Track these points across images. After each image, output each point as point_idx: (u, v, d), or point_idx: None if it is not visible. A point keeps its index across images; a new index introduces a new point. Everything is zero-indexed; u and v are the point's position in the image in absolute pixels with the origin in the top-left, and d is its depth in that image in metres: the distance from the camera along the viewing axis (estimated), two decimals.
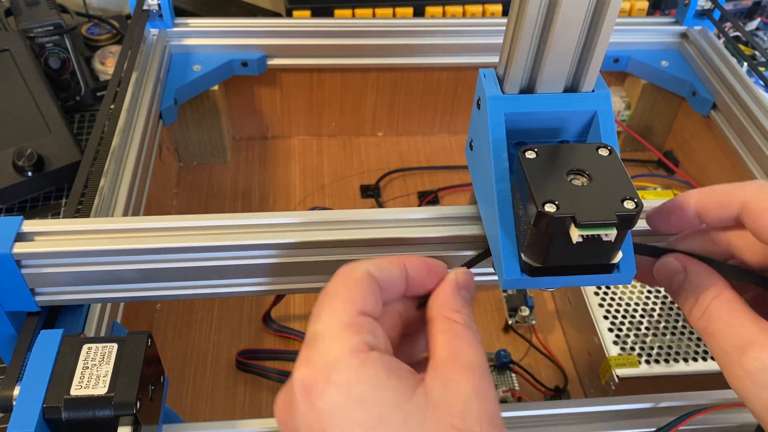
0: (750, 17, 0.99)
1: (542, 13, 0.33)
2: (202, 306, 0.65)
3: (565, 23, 0.33)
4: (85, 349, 0.36)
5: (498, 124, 0.36)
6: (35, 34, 0.78)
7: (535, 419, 0.42)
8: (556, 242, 0.32)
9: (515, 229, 0.35)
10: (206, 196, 0.76)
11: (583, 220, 0.30)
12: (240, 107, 0.79)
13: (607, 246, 0.32)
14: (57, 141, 0.70)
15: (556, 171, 0.33)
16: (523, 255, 0.34)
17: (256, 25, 0.72)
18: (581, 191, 0.32)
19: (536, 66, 0.36)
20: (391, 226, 0.41)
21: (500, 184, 0.35)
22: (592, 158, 0.34)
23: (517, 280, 0.35)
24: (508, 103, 0.36)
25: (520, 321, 0.63)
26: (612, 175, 0.33)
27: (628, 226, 0.32)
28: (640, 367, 0.54)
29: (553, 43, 0.34)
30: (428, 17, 0.82)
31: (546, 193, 0.31)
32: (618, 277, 0.35)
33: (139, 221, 0.41)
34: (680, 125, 0.78)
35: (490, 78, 0.37)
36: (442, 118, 0.83)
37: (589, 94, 0.37)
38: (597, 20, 0.34)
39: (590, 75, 0.36)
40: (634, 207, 0.31)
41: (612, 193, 0.32)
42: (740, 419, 0.43)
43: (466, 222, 0.41)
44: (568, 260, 0.33)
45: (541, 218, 0.31)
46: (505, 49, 0.36)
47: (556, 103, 0.37)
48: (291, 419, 0.29)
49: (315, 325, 0.30)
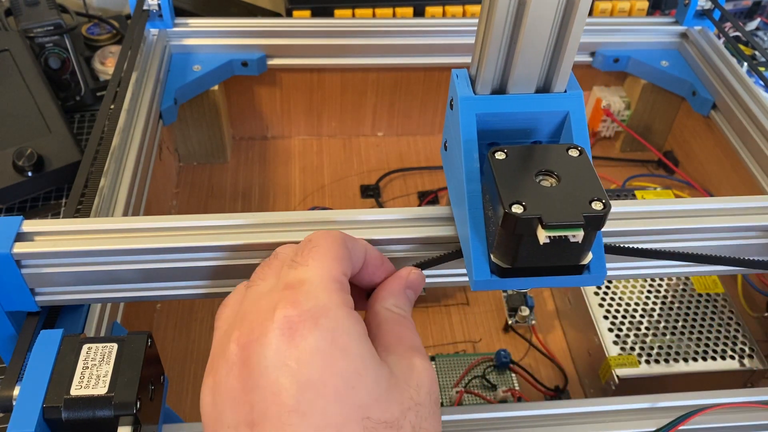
0: (750, 17, 0.99)
1: (512, 12, 0.33)
2: (202, 306, 0.65)
3: (535, 23, 0.33)
4: (85, 349, 0.36)
5: (469, 125, 0.36)
6: (35, 34, 0.78)
7: (535, 419, 0.42)
8: (525, 243, 0.32)
9: (485, 230, 0.35)
10: (206, 196, 0.76)
11: (550, 221, 0.30)
12: (240, 107, 0.79)
13: (576, 247, 0.32)
14: (57, 141, 0.70)
15: (525, 172, 0.33)
16: (492, 256, 0.34)
17: (256, 25, 0.72)
18: (549, 192, 0.32)
19: (507, 66, 0.36)
20: (392, 226, 0.41)
21: (471, 185, 0.35)
22: (563, 159, 0.34)
23: (486, 281, 0.35)
24: (479, 104, 0.36)
25: (520, 321, 0.63)
26: (581, 176, 0.33)
27: (597, 227, 0.32)
28: (640, 367, 0.54)
29: (523, 43, 0.34)
30: (428, 17, 0.82)
31: (514, 194, 0.31)
32: (588, 278, 0.35)
33: (139, 221, 0.41)
34: (680, 125, 0.78)
35: (462, 78, 0.37)
36: (442, 118, 0.82)
37: (561, 95, 0.37)
38: (567, 20, 0.34)
39: (562, 75, 0.36)
40: (602, 208, 0.31)
41: (580, 194, 0.32)
42: (740, 419, 0.43)
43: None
44: (538, 261, 0.33)
45: (508, 219, 0.31)
46: (476, 49, 0.36)
47: (527, 104, 0.37)
48: (256, 349, 0.29)
49: (300, 271, 0.31)
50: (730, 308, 0.58)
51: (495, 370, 0.59)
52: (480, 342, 0.63)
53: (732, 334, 0.56)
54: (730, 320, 0.57)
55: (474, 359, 0.59)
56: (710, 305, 0.58)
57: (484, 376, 0.58)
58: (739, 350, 0.55)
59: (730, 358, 0.55)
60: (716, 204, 0.43)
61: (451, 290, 0.67)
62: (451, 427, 0.42)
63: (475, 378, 0.58)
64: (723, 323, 0.57)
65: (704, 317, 0.57)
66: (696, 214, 0.43)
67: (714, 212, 0.43)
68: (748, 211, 0.43)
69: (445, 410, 0.43)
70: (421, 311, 0.65)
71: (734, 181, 0.68)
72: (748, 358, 0.55)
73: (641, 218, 0.42)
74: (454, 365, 0.59)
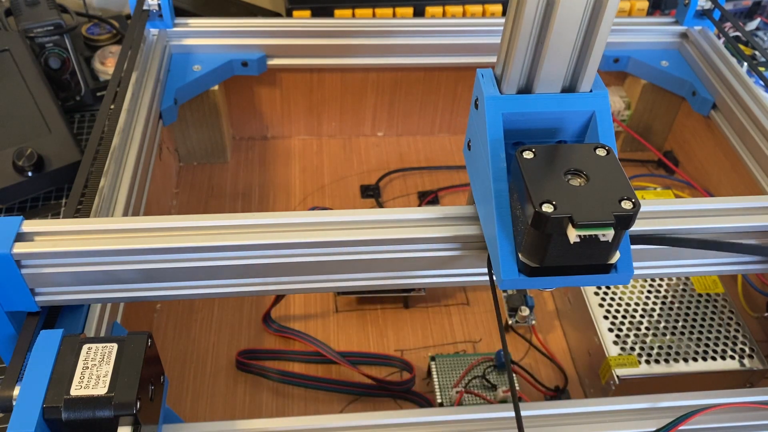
0: (750, 17, 0.99)
1: (540, 13, 0.33)
2: (202, 306, 0.65)
3: (563, 23, 0.33)
4: (85, 349, 0.36)
5: (496, 125, 0.36)
6: (35, 34, 0.78)
7: (535, 419, 0.42)
8: (554, 242, 0.32)
9: (513, 230, 0.35)
10: (206, 196, 0.76)
11: (581, 221, 0.30)
12: (240, 107, 0.79)
13: (605, 246, 0.32)
14: (57, 141, 0.70)
15: (553, 171, 0.33)
16: (520, 255, 0.34)
17: (256, 25, 0.72)
18: (579, 191, 0.32)
19: (534, 66, 0.36)
20: (391, 226, 0.41)
21: (498, 184, 0.35)
22: (590, 158, 0.34)
23: (514, 281, 0.35)
24: (505, 104, 0.36)
25: (520, 321, 0.63)
26: (609, 176, 0.33)
27: (626, 227, 0.32)
28: (640, 367, 0.54)
29: (551, 43, 0.34)
30: (428, 17, 0.82)
31: (543, 194, 0.31)
32: (616, 277, 0.35)
33: (139, 221, 0.41)
34: (680, 125, 0.78)
35: (487, 78, 0.37)
36: (442, 118, 0.83)
37: (587, 94, 0.37)
38: (594, 21, 0.34)
39: (588, 75, 0.36)
40: (631, 207, 0.31)
41: (610, 193, 0.32)
42: (740, 419, 0.43)
43: (466, 222, 0.41)
44: (566, 260, 0.33)
45: (538, 218, 0.31)
46: (502, 49, 0.36)
47: (554, 104, 0.37)
48: None
49: None
50: (730, 308, 0.58)
51: (495, 370, 0.59)
52: (480, 342, 0.63)
53: (732, 334, 0.56)
54: (730, 320, 0.57)
55: (474, 359, 0.59)
56: (710, 305, 0.58)
57: (484, 376, 0.58)
58: (739, 350, 0.55)
59: (730, 358, 0.55)
60: (716, 204, 0.43)
61: (451, 290, 0.67)
62: (451, 427, 0.42)
63: (475, 378, 0.58)
64: (723, 323, 0.57)
65: (704, 317, 0.57)
66: (696, 214, 0.43)
67: (714, 212, 0.43)
68: (748, 211, 0.43)
69: (445, 410, 0.43)
70: (421, 311, 0.65)
71: (734, 181, 0.68)
72: (748, 358, 0.55)
73: (641, 218, 0.42)
74: (454, 365, 0.59)
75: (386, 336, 0.63)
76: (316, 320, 0.64)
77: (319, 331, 0.63)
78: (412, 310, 0.66)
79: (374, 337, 0.63)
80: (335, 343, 0.62)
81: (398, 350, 0.62)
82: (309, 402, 0.58)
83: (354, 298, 0.66)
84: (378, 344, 0.63)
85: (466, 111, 0.81)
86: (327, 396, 0.59)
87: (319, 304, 0.66)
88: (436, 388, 0.58)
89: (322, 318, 0.64)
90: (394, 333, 0.63)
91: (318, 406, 0.58)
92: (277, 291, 0.44)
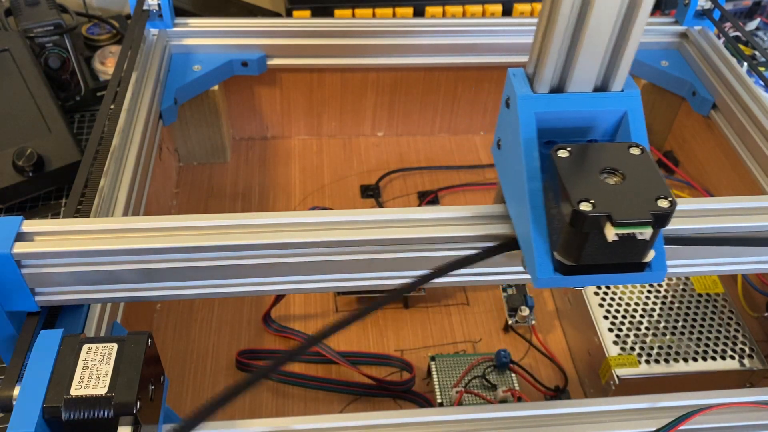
0: (750, 17, 0.99)
1: (575, 12, 0.34)
2: (202, 306, 0.65)
3: (598, 23, 0.34)
4: (85, 349, 0.36)
5: (529, 124, 0.36)
6: (35, 34, 0.78)
7: (535, 419, 0.42)
8: (591, 241, 0.32)
9: (548, 228, 0.35)
10: (206, 196, 0.76)
11: (619, 219, 0.31)
12: (240, 107, 0.79)
13: (641, 244, 0.33)
14: (57, 141, 0.70)
15: (589, 170, 0.33)
16: (556, 254, 0.34)
17: (256, 25, 0.72)
18: (615, 190, 0.32)
19: (567, 65, 0.36)
20: (391, 227, 0.41)
21: (532, 183, 0.35)
22: (624, 157, 0.34)
23: (550, 279, 0.35)
24: (538, 103, 0.36)
25: (520, 321, 0.63)
26: (645, 174, 0.33)
27: (662, 225, 0.32)
28: (640, 367, 0.54)
29: (585, 42, 0.34)
30: (428, 17, 0.82)
31: (581, 192, 0.32)
32: (649, 275, 0.35)
33: (139, 221, 0.41)
34: (680, 125, 0.78)
35: (519, 77, 0.37)
36: (442, 118, 0.83)
37: (619, 94, 0.37)
38: (629, 20, 0.34)
39: (620, 74, 0.37)
40: (668, 206, 0.31)
41: (646, 191, 0.32)
42: (740, 419, 0.43)
43: (466, 222, 0.41)
44: (601, 259, 0.34)
45: (576, 217, 0.31)
46: (534, 48, 0.36)
47: (586, 103, 0.37)
48: None
49: None
50: (730, 308, 0.58)
51: (495, 370, 0.59)
52: (480, 342, 0.63)
53: (732, 334, 0.56)
54: (730, 320, 0.57)
55: (474, 359, 0.59)
56: (710, 305, 0.58)
57: (484, 376, 0.58)
58: (739, 350, 0.55)
59: (730, 358, 0.55)
60: (716, 204, 0.43)
61: (451, 290, 0.67)
62: (451, 427, 0.42)
63: (475, 378, 0.58)
64: (723, 323, 0.57)
65: (704, 317, 0.57)
66: (696, 214, 0.43)
67: (714, 212, 0.43)
68: (748, 211, 0.43)
69: (445, 410, 0.43)
70: (421, 311, 0.65)
71: (734, 181, 0.68)
72: (748, 358, 0.55)
73: None
74: (454, 365, 0.59)
75: (386, 336, 0.63)
76: (316, 320, 0.64)
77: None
78: (412, 310, 0.66)
79: (374, 337, 0.63)
80: (335, 343, 0.62)
81: (398, 350, 0.62)
82: (309, 402, 0.58)
83: (354, 298, 0.66)
84: (378, 344, 0.63)
85: (466, 111, 0.81)
86: (327, 396, 0.59)
87: (319, 304, 0.66)
88: (436, 388, 0.58)
89: (322, 318, 0.64)
90: (394, 333, 0.63)
91: (318, 406, 0.58)
92: (277, 291, 0.44)
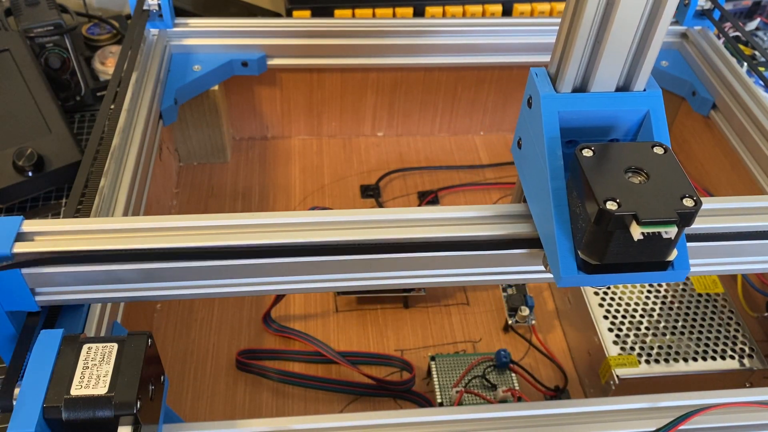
0: (750, 17, 0.99)
1: (599, 12, 0.34)
2: (202, 306, 0.65)
3: (622, 23, 0.34)
4: (85, 349, 0.36)
5: (552, 123, 0.36)
6: (35, 34, 0.78)
7: (535, 419, 0.42)
8: (616, 240, 0.32)
9: (572, 227, 0.35)
10: (206, 196, 0.76)
11: (645, 218, 0.31)
12: (240, 107, 0.79)
13: (666, 243, 0.33)
14: (57, 141, 0.70)
15: (613, 169, 0.33)
16: (580, 253, 0.34)
17: (256, 25, 0.72)
18: (640, 189, 0.32)
19: (590, 65, 0.36)
20: (391, 227, 0.41)
21: (555, 182, 0.36)
22: (648, 156, 0.34)
23: (573, 278, 0.35)
24: (561, 102, 0.36)
25: (520, 321, 0.63)
26: (669, 173, 0.33)
27: (687, 224, 0.32)
28: (640, 367, 0.54)
29: (609, 42, 0.34)
30: (428, 17, 0.82)
31: (606, 191, 0.32)
32: (672, 274, 0.35)
33: (139, 221, 0.41)
34: (680, 125, 0.78)
35: (542, 77, 0.37)
36: (442, 118, 0.83)
37: (641, 93, 0.37)
38: (653, 20, 0.34)
39: (643, 74, 0.37)
40: (693, 205, 0.31)
41: (671, 190, 0.32)
42: (740, 419, 0.43)
43: (465, 223, 0.41)
44: (625, 258, 0.34)
45: (602, 216, 0.31)
46: (557, 48, 0.36)
47: (609, 102, 0.37)
48: None
49: None
50: (729, 308, 0.58)
51: (495, 370, 0.59)
52: (480, 342, 0.63)
53: (732, 334, 0.56)
54: (729, 320, 0.57)
55: (474, 359, 0.59)
56: (710, 305, 0.58)
57: (484, 376, 0.58)
58: (739, 350, 0.55)
59: (730, 358, 0.55)
60: (716, 204, 0.43)
61: (451, 290, 0.67)
62: (451, 427, 0.42)
63: (475, 378, 0.58)
64: (723, 323, 0.57)
65: (704, 317, 0.57)
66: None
67: (714, 212, 0.43)
68: (748, 211, 0.43)
69: (445, 410, 0.43)
70: (421, 311, 0.65)
71: (734, 181, 0.68)
72: (748, 358, 0.55)
73: None
74: (454, 365, 0.59)
75: (386, 336, 0.63)
76: (316, 320, 0.64)
77: (319, 331, 0.63)
78: (412, 310, 0.66)
79: (374, 337, 0.63)
80: (335, 343, 0.62)
81: (398, 350, 0.62)
82: (309, 402, 0.58)
83: (354, 298, 0.66)
84: (378, 344, 0.63)
85: (466, 111, 0.81)
86: (327, 396, 0.59)
87: (319, 304, 0.66)
88: (436, 387, 0.58)
89: (322, 318, 0.64)
90: (394, 333, 0.63)
91: (318, 406, 0.58)
92: (277, 291, 0.44)
